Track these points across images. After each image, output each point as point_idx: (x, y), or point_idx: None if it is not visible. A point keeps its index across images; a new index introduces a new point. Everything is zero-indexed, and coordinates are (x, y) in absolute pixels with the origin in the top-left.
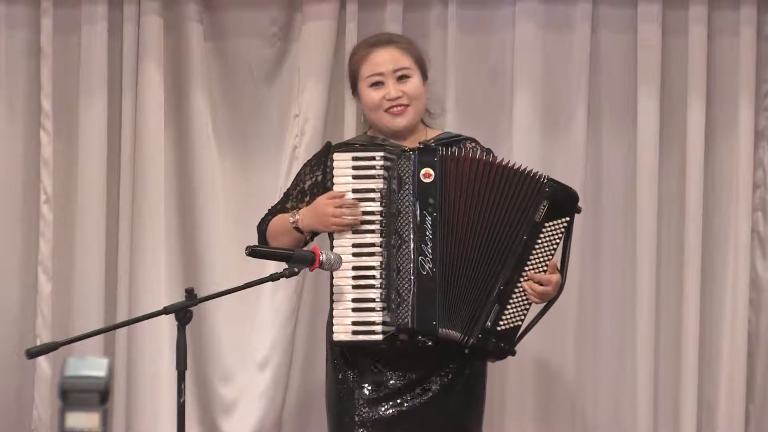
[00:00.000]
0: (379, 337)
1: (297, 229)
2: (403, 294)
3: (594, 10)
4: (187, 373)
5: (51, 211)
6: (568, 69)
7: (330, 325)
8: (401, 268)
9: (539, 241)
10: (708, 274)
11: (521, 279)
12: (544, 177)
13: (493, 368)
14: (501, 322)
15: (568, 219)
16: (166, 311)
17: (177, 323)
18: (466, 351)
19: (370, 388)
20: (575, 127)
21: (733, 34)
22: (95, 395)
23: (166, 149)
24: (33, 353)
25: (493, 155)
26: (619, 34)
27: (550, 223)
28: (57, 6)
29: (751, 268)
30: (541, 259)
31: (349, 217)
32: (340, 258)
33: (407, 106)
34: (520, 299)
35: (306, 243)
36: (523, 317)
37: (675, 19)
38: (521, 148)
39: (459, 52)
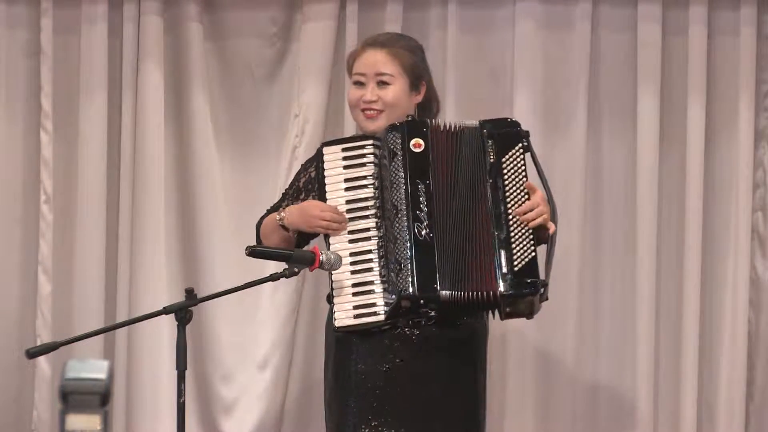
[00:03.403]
0: (382, 317)
1: (283, 226)
2: (402, 262)
3: (594, 10)
4: (187, 373)
5: (51, 211)
6: (568, 69)
7: (329, 323)
8: (398, 237)
9: (505, 178)
10: (708, 274)
11: (509, 217)
12: (478, 121)
13: (493, 370)
14: (515, 262)
15: (520, 145)
16: (166, 311)
17: (177, 323)
18: (507, 310)
19: (366, 381)
20: (575, 127)
21: (733, 34)
22: (96, 398)
23: (166, 149)
24: (33, 353)
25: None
26: (619, 34)
27: (506, 157)
28: (57, 6)
29: (751, 268)
30: (517, 191)
31: (335, 224)
32: (340, 258)
33: (381, 111)
34: (519, 234)
35: (296, 242)
36: (532, 248)
37: (675, 19)
38: None
39: (459, 52)
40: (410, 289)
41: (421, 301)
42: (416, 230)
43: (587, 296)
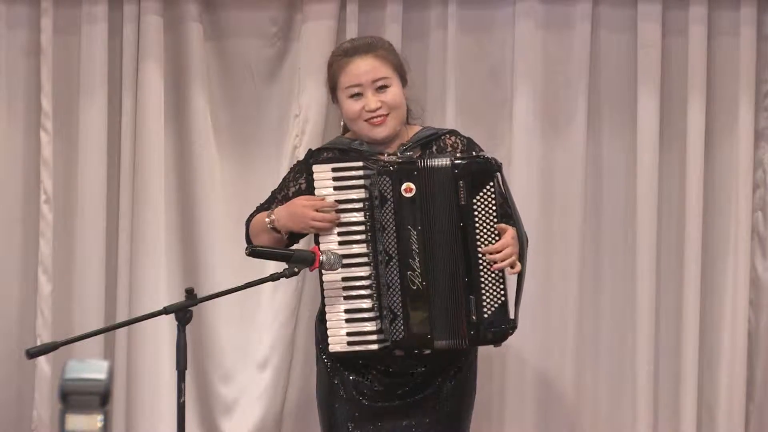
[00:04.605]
0: (375, 346)
1: (273, 228)
2: (395, 310)
3: (594, 10)
4: (187, 373)
5: (51, 211)
6: (568, 69)
7: (318, 325)
8: (391, 284)
9: (476, 219)
10: (708, 274)
11: (479, 261)
12: (450, 160)
13: (493, 370)
14: (484, 309)
15: (491, 184)
16: (166, 311)
17: (177, 323)
18: (478, 347)
19: (359, 384)
20: (575, 127)
21: (733, 34)
22: (95, 398)
23: (166, 149)
24: (33, 353)
25: (477, 146)
26: (619, 34)
27: (477, 198)
28: (57, 6)
29: (751, 268)
30: (488, 233)
31: (328, 221)
32: (340, 258)
33: (387, 115)
34: (489, 279)
35: (285, 242)
36: (502, 293)
37: (675, 19)
38: (521, 148)
39: (459, 52)
40: (404, 341)
41: (415, 351)
42: (410, 279)
43: (587, 296)
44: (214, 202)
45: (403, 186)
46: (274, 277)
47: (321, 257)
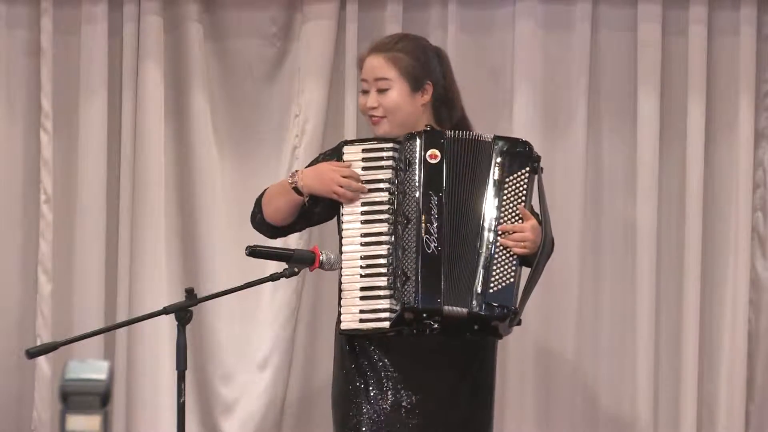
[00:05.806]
0: (386, 324)
1: (296, 189)
2: (409, 273)
3: (594, 9)
4: (187, 373)
5: (51, 211)
6: (568, 69)
7: (339, 320)
8: (407, 247)
9: (504, 197)
10: (708, 274)
11: (497, 237)
12: (493, 135)
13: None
14: (491, 284)
15: (527, 169)
16: (166, 311)
17: (177, 323)
18: (475, 327)
19: (376, 384)
20: (575, 127)
21: (733, 34)
22: (96, 398)
23: (166, 149)
24: (33, 353)
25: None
26: (619, 34)
27: (510, 178)
28: (57, 6)
29: (751, 268)
30: (511, 214)
31: (354, 188)
32: (341, 258)
33: (383, 117)
34: (503, 257)
35: (303, 206)
36: (512, 273)
37: (675, 19)
38: None
39: (459, 52)
40: (414, 302)
41: (424, 315)
42: (425, 243)
43: (587, 296)
44: (214, 202)
45: (429, 152)
46: (274, 277)
47: (321, 257)
